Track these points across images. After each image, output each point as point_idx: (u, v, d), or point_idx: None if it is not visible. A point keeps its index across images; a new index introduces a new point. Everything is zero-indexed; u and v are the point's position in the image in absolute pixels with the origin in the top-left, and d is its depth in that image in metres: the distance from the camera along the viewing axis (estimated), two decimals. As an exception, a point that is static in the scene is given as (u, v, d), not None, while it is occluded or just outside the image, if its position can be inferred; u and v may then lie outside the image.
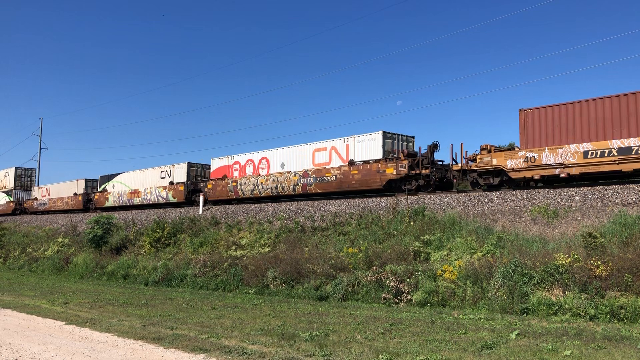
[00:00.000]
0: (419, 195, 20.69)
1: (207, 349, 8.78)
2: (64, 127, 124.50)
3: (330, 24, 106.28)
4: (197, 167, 33.40)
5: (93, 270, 25.07)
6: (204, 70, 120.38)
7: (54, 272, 27.41)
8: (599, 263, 11.76)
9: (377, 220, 19.09)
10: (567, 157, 17.24)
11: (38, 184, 52.91)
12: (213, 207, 29.31)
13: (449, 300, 13.22)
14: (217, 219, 25.76)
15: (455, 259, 14.60)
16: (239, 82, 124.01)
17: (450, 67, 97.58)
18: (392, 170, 21.95)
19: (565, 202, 15.93)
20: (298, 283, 16.59)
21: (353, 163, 23.58)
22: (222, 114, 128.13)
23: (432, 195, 20.17)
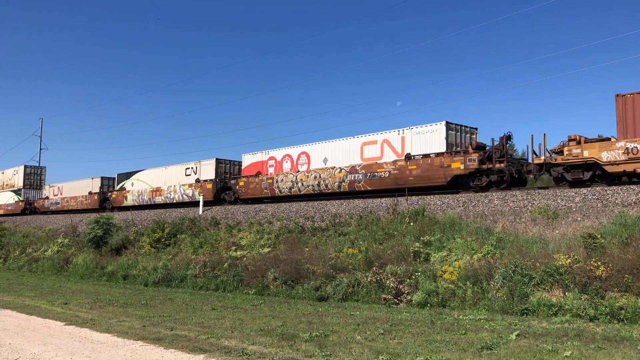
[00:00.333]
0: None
1: (207, 350, 8.78)
2: (68, 127, 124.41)
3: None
4: (225, 163, 31.42)
5: (93, 271, 25.07)
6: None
7: (54, 272, 27.41)
8: (599, 264, 11.76)
9: (377, 221, 19.09)
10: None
11: (46, 183, 50.62)
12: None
13: (449, 301, 13.22)
14: (217, 220, 25.76)
15: (455, 260, 14.60)
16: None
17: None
18: (458, 165, 19.63)
19: (565, 202, 15.93)
20: (298, 284, 16.59)
21: (410, 157, 21.28)
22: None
23: (432, 196, 20.17)
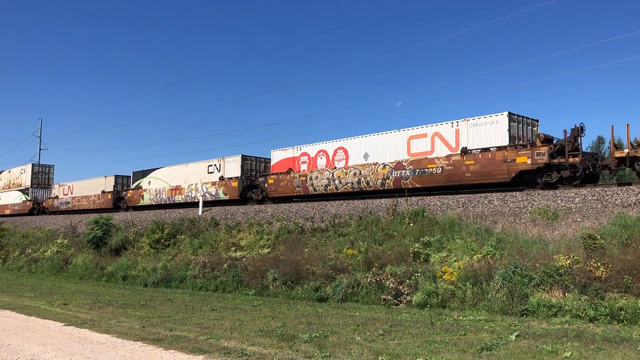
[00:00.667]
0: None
1: (206, 350, 8.77)
2: (73, 126, 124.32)
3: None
4: (251, 160, 29.84)
5: (92, 271, 25.05)
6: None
7: (54, 273, 27.38)
8: (599, 264, 11.75)
9: (376, 222, 19.09)
10: None
11: (54, 182, 49.03)
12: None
13: (449, 302, 13.21)
14: (216, 220, 25.75)
15: (455, 261, 14.59)
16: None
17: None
18: (524, 160, 18.08)
19: (565, 203, 15.93)
20: (297, 284, 16.58)
21: (467, 151, 19.71)
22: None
23: (432, 197, 20.16)
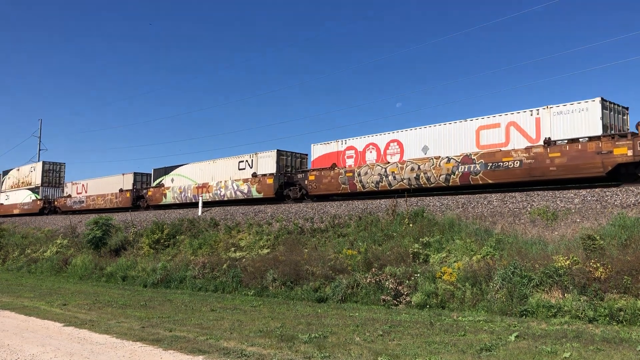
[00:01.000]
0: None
1: (205, 351, 8.77)
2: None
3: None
4: (287, 155, 28.07)
5: (92, 272, 25.04)
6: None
7: (53, 273, 27.37)
8: (598, 265, 11.76)
9: (376, 222, 19.09)
10: None
11: (65, 180, 47.13)
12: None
13: (448, 302, 13.21)
14: (216, 221, 25.75)
15: (455, 261, 14.60)
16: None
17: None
18: (624, 151, 16.13)
19: (565, 204, 15.94)
20: (297, 285, 16.58)
21: (551, 142, 17.76)
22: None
23: (431, 197, 20.15)
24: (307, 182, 25.50)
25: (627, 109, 18.54)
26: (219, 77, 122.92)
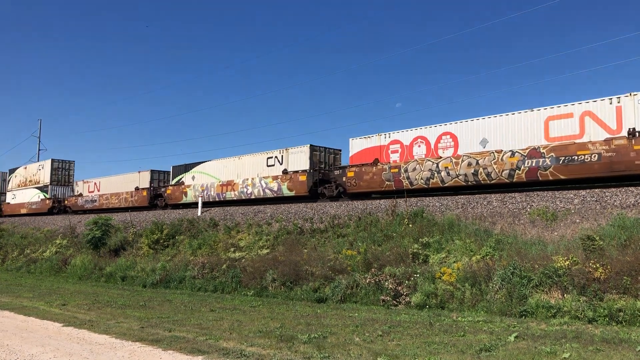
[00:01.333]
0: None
1: (205, 351, 8.77)
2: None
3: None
4: (320, 150, 26.23)
5: (91, 272, 25.04)
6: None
7: (52, 273, 27.37)
8: (598, 266, 11.76)
9: (376, 223, 19.09)
10: None
11: (75, 178, 45.72)
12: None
13: (448, 303, 13.21)
14: (215, 221, 25.75)
15: (454, 262, 14.60)
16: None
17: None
18: None
19: (564, 204, 15.95)
20: (296, 285, 16.57)
21: (636, 134, 16.14)
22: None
23: (431, 197, 20.14)
24: (345, 179, 23.66)
25: None
26: (218, 77, 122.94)
